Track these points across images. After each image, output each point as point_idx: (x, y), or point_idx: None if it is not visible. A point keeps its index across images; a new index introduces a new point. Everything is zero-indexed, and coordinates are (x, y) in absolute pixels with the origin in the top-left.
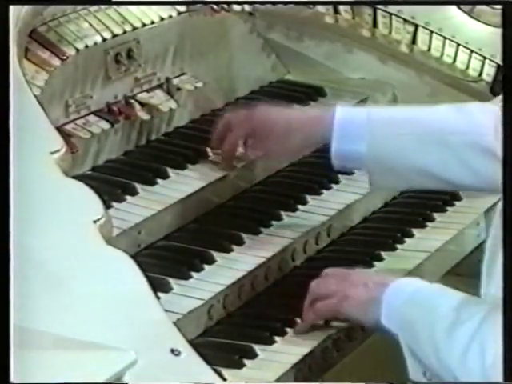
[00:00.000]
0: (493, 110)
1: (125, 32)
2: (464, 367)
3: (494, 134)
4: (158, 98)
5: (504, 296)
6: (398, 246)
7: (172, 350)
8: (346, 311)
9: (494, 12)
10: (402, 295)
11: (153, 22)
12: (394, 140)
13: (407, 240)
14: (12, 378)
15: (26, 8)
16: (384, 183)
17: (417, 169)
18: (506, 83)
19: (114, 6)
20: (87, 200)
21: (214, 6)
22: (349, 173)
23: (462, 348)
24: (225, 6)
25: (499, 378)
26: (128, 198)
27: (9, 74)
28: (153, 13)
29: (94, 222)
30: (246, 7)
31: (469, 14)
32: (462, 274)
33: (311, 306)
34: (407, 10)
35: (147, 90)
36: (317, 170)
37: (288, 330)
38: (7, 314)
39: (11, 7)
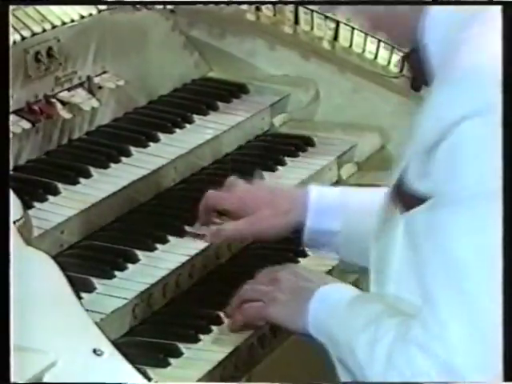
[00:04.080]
0: None
1: (44, 30)
2: None
3: None
4: (80, 96)
5: (504, 296)
6: None
7: (94, 350)
8: (272, 317)
9: None
10: (326, 306)
11: (73, 21)
12: (366, 218)
13: None
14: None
15: None
16: (355, 260)
17: None
18: (505, 83)
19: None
20: None
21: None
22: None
23: (382, 367)
24: None
25: None
26: (50, 197)
27: (9, 74)
28: (73, 11)
29: (14, 222)
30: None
31: None
32: None
33: (239, 308)
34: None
35: (68, 89)
36: (241, 167)
37: (213, 327)
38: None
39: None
